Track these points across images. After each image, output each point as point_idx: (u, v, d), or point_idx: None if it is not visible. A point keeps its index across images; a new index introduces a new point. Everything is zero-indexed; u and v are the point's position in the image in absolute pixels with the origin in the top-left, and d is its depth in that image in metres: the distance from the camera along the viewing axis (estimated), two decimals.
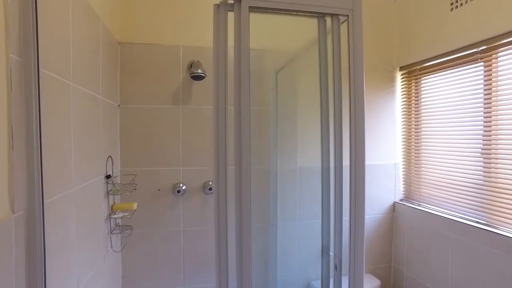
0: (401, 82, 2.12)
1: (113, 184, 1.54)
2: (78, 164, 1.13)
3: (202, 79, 1.76)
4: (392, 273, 2.17)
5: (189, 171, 1.84)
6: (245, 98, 1.01)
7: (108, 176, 1.48)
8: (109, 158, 1.54)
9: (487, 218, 1.57)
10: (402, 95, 2.12)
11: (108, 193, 1.51)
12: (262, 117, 1.90)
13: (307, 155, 1.92)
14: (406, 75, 2.08)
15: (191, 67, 1.76)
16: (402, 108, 2.13)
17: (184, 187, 1.82)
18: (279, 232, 1.93)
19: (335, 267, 1.14)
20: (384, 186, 2.12)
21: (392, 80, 2.12)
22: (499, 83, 1.53)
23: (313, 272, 1.98)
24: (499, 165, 1.53)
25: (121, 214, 1.53)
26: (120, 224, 1.70)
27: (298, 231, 1.95)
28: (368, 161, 2.07)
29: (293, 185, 1.93)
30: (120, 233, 1.67)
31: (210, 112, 1.82)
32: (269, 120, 1.90)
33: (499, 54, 1.53)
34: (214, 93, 1.01)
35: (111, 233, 1.55)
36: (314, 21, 1.20)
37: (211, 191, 1.82)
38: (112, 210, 1.56)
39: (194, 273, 1.86)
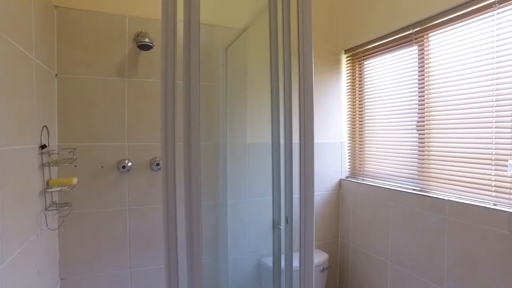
0: (346, 64, 2.23)
1: (49, 154, 1.42)
2: (4, 122, 1.02)
3: (149, 49, 1.69)
4: (339, 247, 2.26)
5: (135, 146, 1.75)
6: (195, 71, 0.96)
7: (43, 146, 1.36)
8: (45, 128, 1.41)
9: (421, 185, 1.71)
10: (347, 77, 2.23)
11: (43, 165, 1.39)
12: (211, 93, 1.88)
13: (257, 132, 1.94)
14: (351, 58, 2.19)
15: (137, 37, 1.69)
16: (347, 90, 2.24)
17: (129, 164, 1.73)
18: (229, 210, 1.92)
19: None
20: (331, 164, 2.21)
21: (338, 62, 2.22)
22: (430, 62, 1.67)
23: (264, 249, 2.00)
24: (431, 136, 1.67)
25: (58, 188, 1.42)
26: (57, 202, 1.57)
27: (249, 208, 1.96)
28: (316, 140, 2.15)
29: (243, 162, 1.93)
30: (56, 209, 1.54)
31: (158, 85, 1.75)
32: (219, 96, 1.89)
33: (430, 35, 1.68)
34: (162, 67, 0.95)
35: (46, 209, 1.42)
36: None
37: (159, 167, 1.75)
38: (48, 185, 1.44)
39: (141, 255, 1.78)
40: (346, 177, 2.24)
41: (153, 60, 1.77)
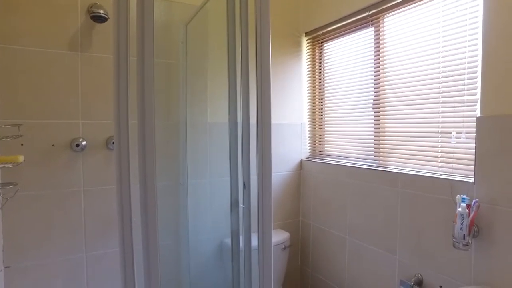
0: (307, 47, 2.27)
1: None
2: None
3: (104, 21, 1.61)
4: (300, 226, 2.32)
5: (90, 124, 1.67)
6: (149, 48, 0.91)
7: None
8: None
9: (377, 161, 1.79)
10: (307, 59, 2.28)
11: None
12: (171, 71, 1.83)
13: (217, 111, 1.92)
14: (311, 40, 2.24)
15: (91, 8, 1.60)
16: (308, 72, 2.29)
17: (84, 143, 1.64)
18: (190, 190, 1.89)
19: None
20: (291, 145, 2.25)
21: (298, 45, 2.26)
22: (385, 43, 1.75)
23: (226, 229, 2.00)
24: (386, 114, 1.75)
25: (1, 165, 1.31)
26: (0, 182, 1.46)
27: (210, 188, 1.94)
28: (276, 121, 2.18)
29: (203, 142, 1.91)
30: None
31: None
32: (178, 74, 1.84)
33: (385, 17, 1.75)
34: (114, 42, 0.89)
35: None
36: None
37: None
38: None
39: (97, 238, 1.71)
40: (307, 158, 2.30)
41: (109, 34, 1.69)
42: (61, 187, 1.62)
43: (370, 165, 1.81)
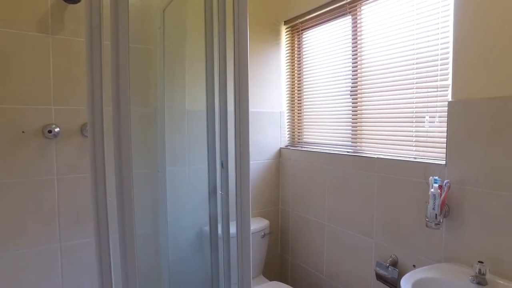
0: (285, 35, 2.28)
1: None
2: None
3: (76, 2, 1.55)
4: (280, 214, 2.34)
5: (64, 111, 1.61)
6: (123, 32, 0.87)
7: None
8: None
9: (355, 147, 1.83)
10: (286, 48, 2.28)
11: None
12: (147, 57, 1.79)
13: (196, 98, 1.90)
14: (290, 29, 2.25)
15: None
16: (286, 61, 2.30)
17: (57, 129, 1.59)
18: (169, 178, 1.87)
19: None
20: (270, 133, 2.26)
21: (278, 33, 2.26)
22: (363, 31, 1.78)
23: (205, 217, 1.99)
24: (363, 101, 1.78)
25: None
26: None
27: (189, 176, 1.92)
28: (255, 109, 2.18)
29: (182, 129, 1.89)
30: None
31: None
32: (156, 60, 1.81)
33: (362, 6, 1.78)
34: (87, 25, 0.85)
35: None
36: None
37: None
38: None
39: (72, 227, 1.66)
40: (286, 146, 2.31)
41: (82, 17, 1.63)
42: (32, 176, 1.56)
43: (348, 151, 1.85)
